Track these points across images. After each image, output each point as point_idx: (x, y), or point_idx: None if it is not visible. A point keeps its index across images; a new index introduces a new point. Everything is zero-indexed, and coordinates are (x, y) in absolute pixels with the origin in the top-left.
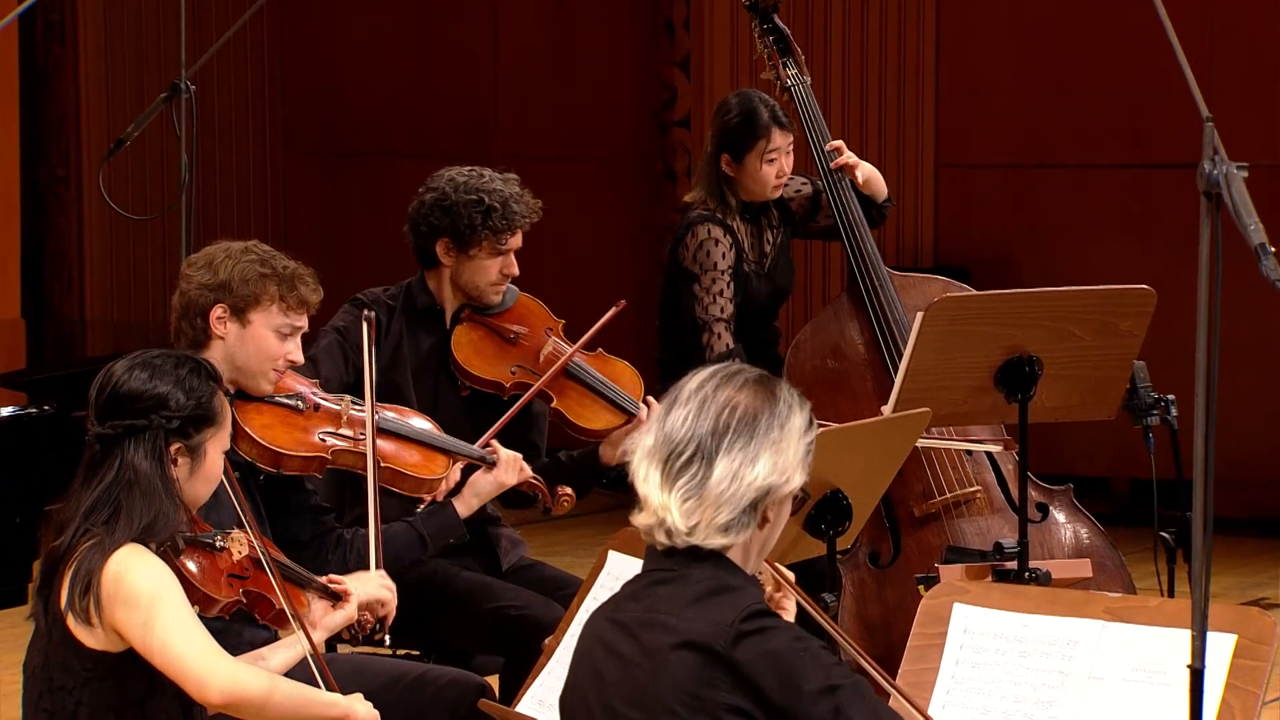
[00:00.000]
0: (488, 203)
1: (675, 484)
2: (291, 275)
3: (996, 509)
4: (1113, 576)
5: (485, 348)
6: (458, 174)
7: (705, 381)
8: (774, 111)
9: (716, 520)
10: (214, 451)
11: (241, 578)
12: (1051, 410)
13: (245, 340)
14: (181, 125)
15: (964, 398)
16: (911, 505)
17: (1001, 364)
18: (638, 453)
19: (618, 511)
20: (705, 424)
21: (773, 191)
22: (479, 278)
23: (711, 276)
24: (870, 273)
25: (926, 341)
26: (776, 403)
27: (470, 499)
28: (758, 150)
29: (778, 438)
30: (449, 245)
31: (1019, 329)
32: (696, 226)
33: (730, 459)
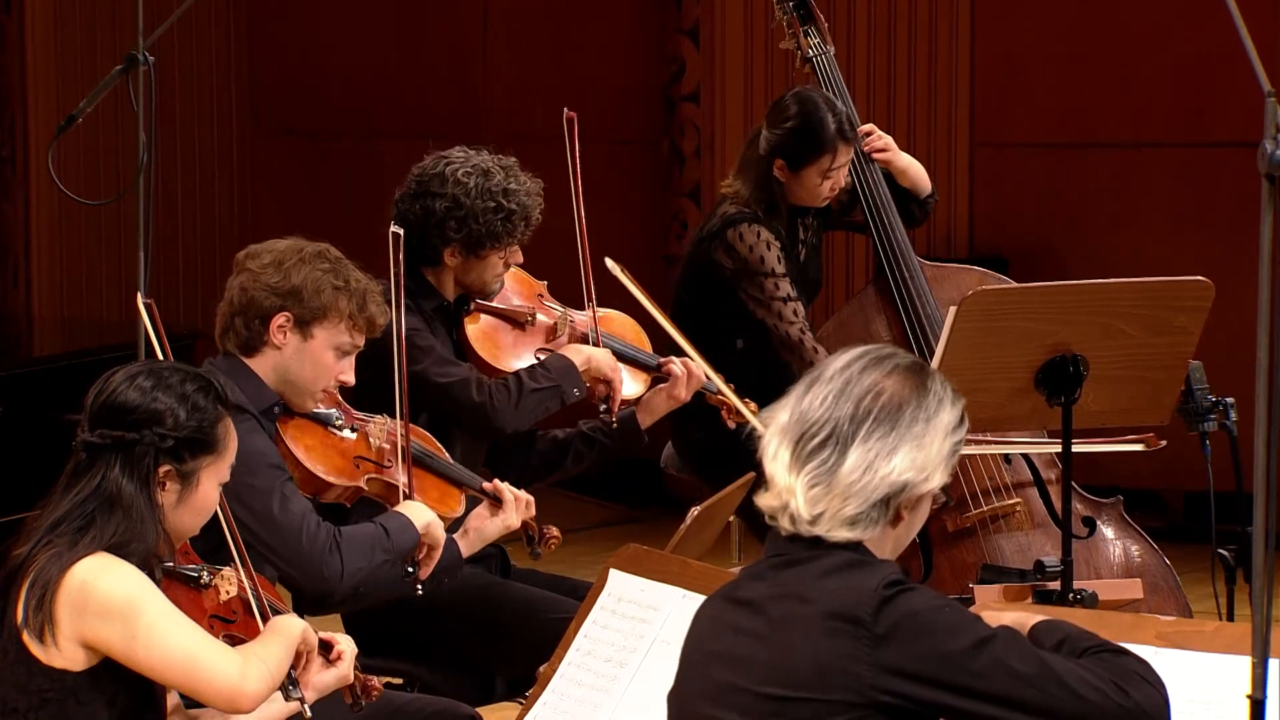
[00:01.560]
0: (507, 207)
1: (804, 467)
2: (364, 292)
3: (1038, 523)
4: (1166, 598)
5: (501, 338)
6: (462, 173)
7: (852, 361)
8: (842, 124)
9: (843, 512)
10: (209, 482)
11: (227, 621)
12: (1098, 415)
13: (304, 355)
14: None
15: (1002, 400)
16: (944, 519)
17: (1043, 364)
18: (771, 428)
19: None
20: (845, 407)
21: (822, 203)
22: (488, 274)
23: (774, 282)
24: (899, 263)
25: (960, 339)
26: (926, 394)
27: (475, 540)
28: (819, 166)
29: (921, 431)
30: (458, 251)
31: (1062, 325)
32: (742, 226)
33: (866, 448)
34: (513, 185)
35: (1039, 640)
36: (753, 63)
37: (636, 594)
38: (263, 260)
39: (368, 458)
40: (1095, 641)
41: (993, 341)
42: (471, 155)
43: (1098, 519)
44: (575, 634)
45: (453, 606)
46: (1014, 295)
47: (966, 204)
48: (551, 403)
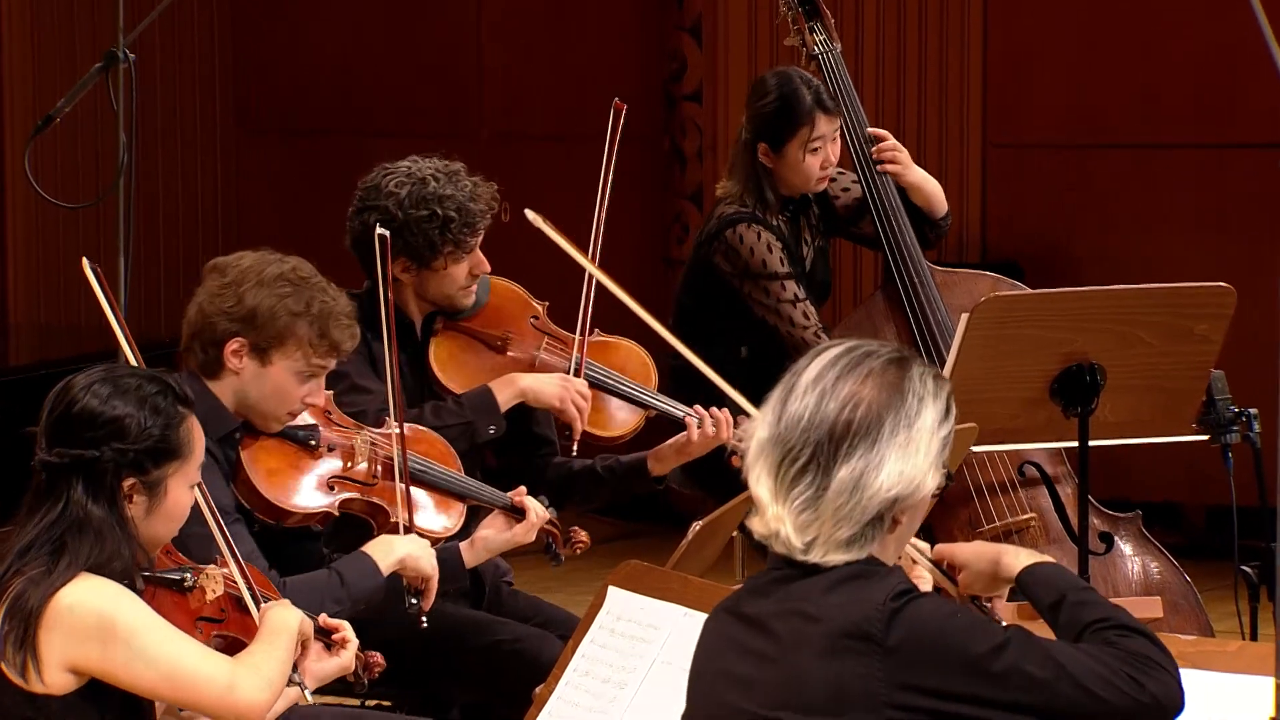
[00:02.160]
0: (443, 214)
1: (789, 494)
2: (326, 315)
3: (1053, 539)
4: (1187, 617)
5: (470, 362)
6: (396, 185)
7: (826, 370)
8: (818, 94)
9: (837, 536)
10: (178, 488)
11: (216, 621)
12: (1116, 426)
13: (262, 381)
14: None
15: (1015, 411)
16: (956, 535)
17: (1058, 373)
18: (752, 447)
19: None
20: (823, 425)
21: (817, 184)
22: (448, 287)
23: (780, 283)
24: (909, 268)
25: (972, 347)
26: (905, 396)
27: (481, 551)
28: (800, 139)
29: (905, 440)
30: (406, 264)
31: (1078, 333)
32: (740, 226)
33: (851, 467)
34: (448, 190)
35: (1032, 592)
36: (757, 60)
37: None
38: (223, 278)
39: (348, 477)
40: (1098, 614)
41: (1006, 350)
42: (415, 164)
43: (1115, 534)
44: (573, 653)
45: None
46: (1028, 302)
47: (979, 207)
48: (459, 442)
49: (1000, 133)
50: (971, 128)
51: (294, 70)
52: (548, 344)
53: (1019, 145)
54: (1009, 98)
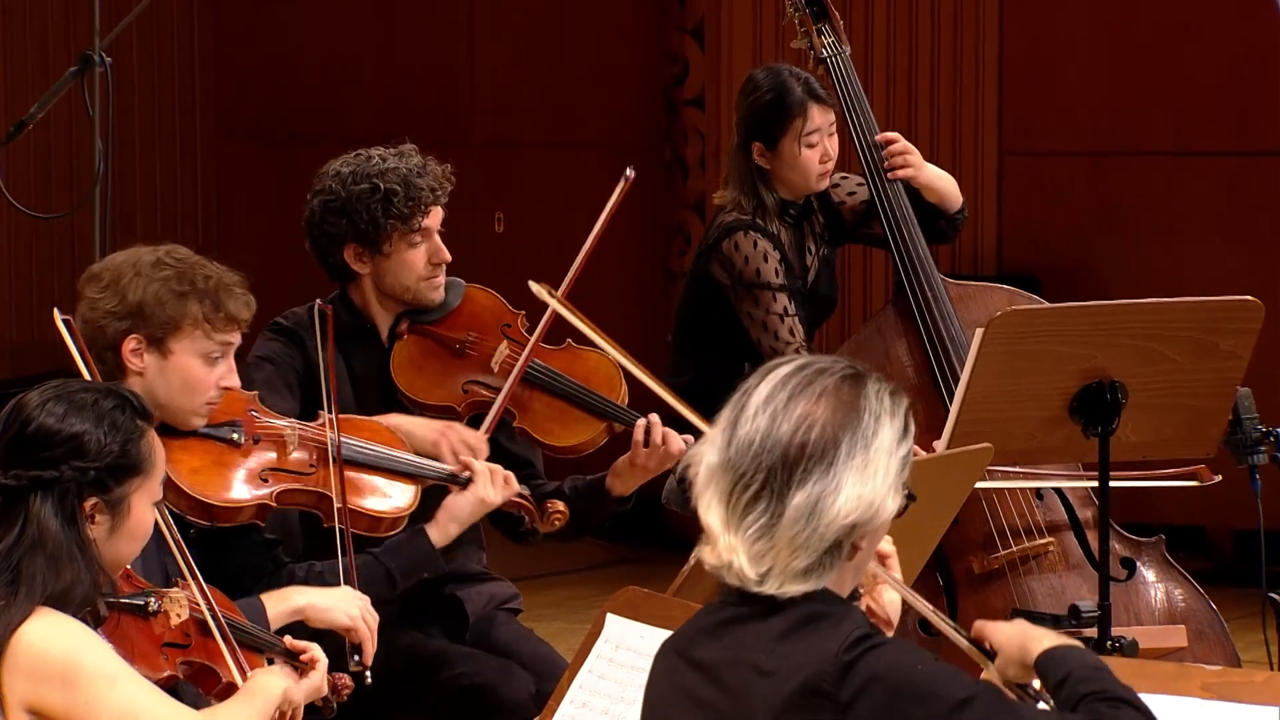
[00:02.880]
0: (384, 187)
1: (741, 523)
2: (216, 289)
3: (1073, 565)
4: (1212, 646)
5: (428, 365)
6: (341, 165)
7: (777, 389)
8: (809, 85)
9: (793, 565)
10: (140, 505)
11: (181, 646)
12: (1138, 446)
13: (168, 373)
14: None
15: (1033, 431)
16: (970, 560)
17: (1078, 391)
18: (701, 471)
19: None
20: (775, 448)
21: (818, 181)
22: (405, 276)
23: (771, 294)
24: (921, 281)
25: (988, 364)
26: (860, 415)
27: (448, 525)
28: (794, 132)
29: (863, 462)
30: (358, 250)
31: (1099, 348)
32: (737, 234)
33: (806, 493)
34: (391, 164)
35: (1044, 674)
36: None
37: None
38: (100, 283)
39: (282, 468)
40: (1095, 687)
41: (1023, 367)
42: (368, 149)
43: (1138, 560)
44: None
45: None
46: (1046, 316)
47: (994, 217)
48: None
49: (1017, 140)
50: (986, 134)
51: (277, 75)
52: (509, 348)
53: (1036, 153)
54: (1026, 103)
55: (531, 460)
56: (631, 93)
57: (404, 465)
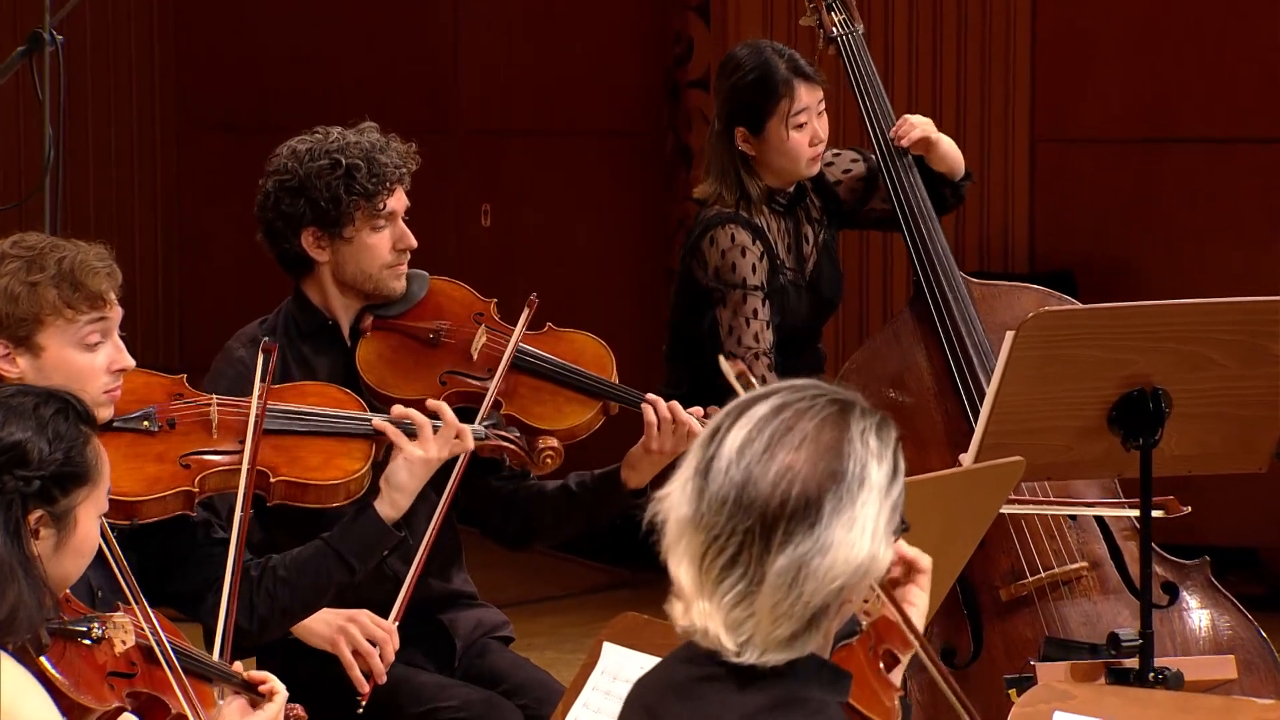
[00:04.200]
0: (346, 162)
1: (717, 589)
2: (71, 268)
3: (1110, 590)
4: (1263, 678)
5: (400, 359)
6: (298, 143)
7: (753, 436)
8: (794, 62)
9: (776, 635)
10: (87, 518)
11: (127, 676)
12: (1183, 460)
13: (47, 372)
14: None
15: (1069, 443)
16: (997, 586)
17: (1117, 399)
18: (670, 524)
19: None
20: (752, 507)
21: (809, 166)
22: (368, 262)
23: (742, 294)
24: (941, 280)
25: (1018, 371)
26: (844, 465)
27: (393, 495)
28: (780, 113)
29: (850, 519)
30: (317, 234)
31: (1139, 353)
32: (715, 230)
33: (788, 556)
34: (352, 138)
35: None
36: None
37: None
38: None
39: (205, 449)
40: None
41: (1056, 374)
42: (320, 128)
43: (1181, 585)
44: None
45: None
46: (1081, 318)
47: (1025, 210)
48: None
49: (1051, 127)
50: (1018, 121)
51: (243, 58)
52: (489, 334)
53: (1072, 141)
54: (1060, 86)
55: None
56: (629, 75)
57: (343, 426)
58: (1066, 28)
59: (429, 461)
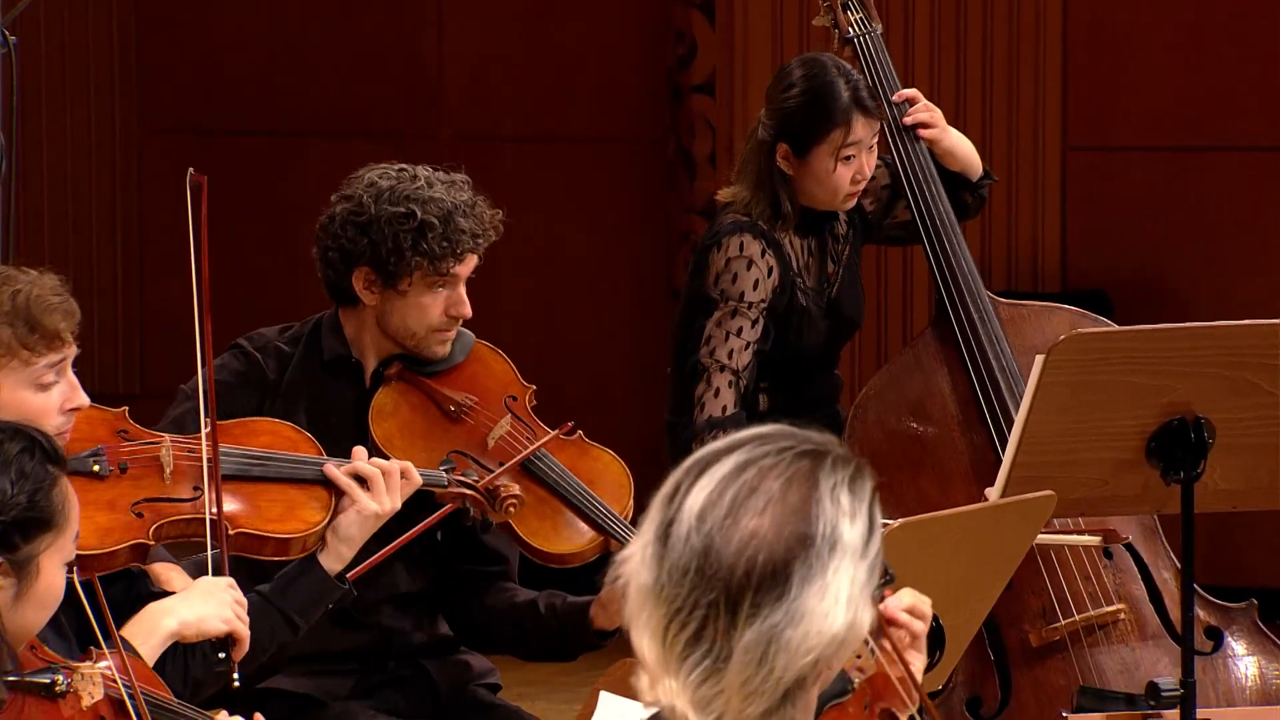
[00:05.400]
0: (421, 216)
1: (682, 665)
2: (25, 304)
3: (1149, 635)
4: None
5: (415, 422)
6: (380, 176)
7: (715, 498)
8: (857, 90)
9: (747, 712)
10: (51, 566)
11: None
12: (1227, 495)
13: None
14: None
15: (1104, 476)
16: (1027, 630)
17: (1156, 429)
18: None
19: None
20: (716, 579)
21: (846, 200)
22: (415, 320)
23: (733, 308)
24: (966, 299)
25: (1050, 397)
26: (811, 528)
27: (338, 547)
28: (830, 143)
29: (823, 585)
30: (370, 277)
31: (1180, 379)
32: (727, 238)
33: (757, 630)
34: (438, 194)
35: None
36: (782, 42)
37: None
38: None
39: (159, 496)
40: None
41: (1090, 401)
42: (415, 167)
43: (1226, 630)
44: None
45: None
46: (1117, 341)
47: (1058, 224)
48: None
49: (1084, 134)
50: (1049, 128)
51: (210, 58)
52: (515, 424)
53: (1107, 149)
54: (1095, 91)
55: (506, 557)
56: (628, 77)
57: (300, 470)
58: (1101, 25)
59: (380, 515)
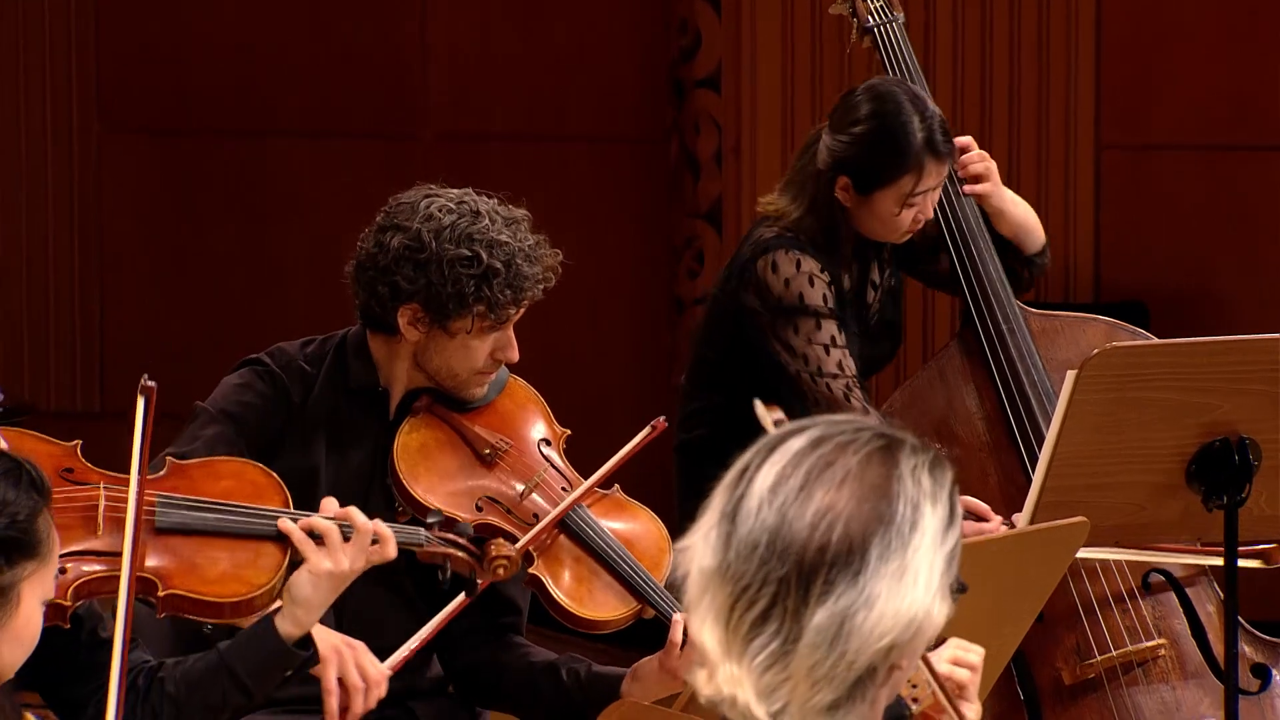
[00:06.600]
0: (487, 261)
1: (747, 649)
2: None
3: (1190, 673)
4: None
5: (443, 461)
6: (437, 208)
7: (787, 472)
8: (932, 131)
9: (815, 702)
10: (31, 599)
11: None
12: (1274, 522)
13: None
14: None
15: (1139, 502)
16: (1060, 667)
17: (1197, 450)
18: (692, 579)
19: None
20: (788, 553)
21: (903, 237)
22: (459, 363)
23: (815, 321)
24: (994, 309)
25: (1082, 415)
26: (893, 506)
27: (294, 611)
28: (898, 189)
29: (900, 567)
30: (419, 314)
31: (1223, 396)
32: (776, 254)
33: (829, 609)
34: (504, 237)
35: None
36: (793, 34)
37: None
38: None
39: (82, 550)
40: None
41: (1126, 419)
42: (470, 195)
43: (1273, 667)
44: None
45: None
46: (1155, 355)
47: (1091, 228)
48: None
49: (1119, 131)
50: (1081, 125)
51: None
52: (551, 475)
53: (1144, 147)
54: (1130, 86)
55: (520, 607)
56: (627, 72)
57: (253, 525)
58: (1138, 15)
59: (338, 575)
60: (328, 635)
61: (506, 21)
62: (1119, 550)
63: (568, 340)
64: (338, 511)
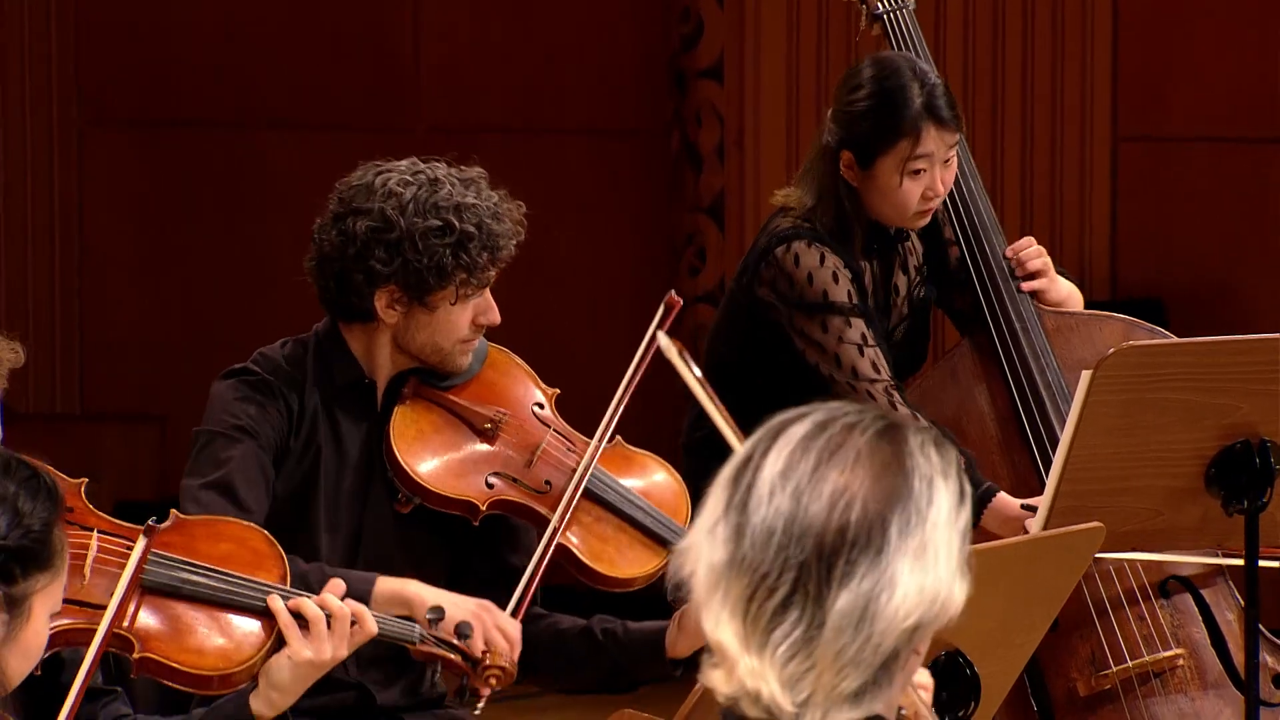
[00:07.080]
0: (460, 228)
1: (769, 640)
2: None
3: (1210, 683)
4: None
5: (446, 445)
6: (395, 183)
7: (796, 457)
8: (933, 95)
9: (841, 689)
10: (41, 610)
11: None
12: None
13: None
14: None
15: (1157, 507)
16: (1075, 678)
17: (1216, 453)
18: (700, 575)
19: None
20: (806, 537)
21: (915, 219)
22: (444, 335)
23: (844, 319)
24: (1007, 306)
25: (1097, 418)
26: (908, 482)
27: (269, 693)
28: (896, 154)
29: (920, 543)
30: (397, 295)
31: (1243, 397)
32: (796, 244)
33: (853, 592)
34: (470, 199)
35: None
36: (800, 22)
37: None
38: None
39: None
40: None
41: (1144, 421)
42: (418, 163)
43: None
44: None
45: None
46: (1174, 354)
47: (1107, 223)
48: None
49: (1136, 123)
50: (1098, 116)
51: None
52: (554, 438)
53: (1162, 139)
54: (1148, 77)
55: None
56: (626, 62)
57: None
58: (1155, 8)
59: (318, 665)
60: (463, 602)
61: (501, 10)
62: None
63: (565, 337)
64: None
